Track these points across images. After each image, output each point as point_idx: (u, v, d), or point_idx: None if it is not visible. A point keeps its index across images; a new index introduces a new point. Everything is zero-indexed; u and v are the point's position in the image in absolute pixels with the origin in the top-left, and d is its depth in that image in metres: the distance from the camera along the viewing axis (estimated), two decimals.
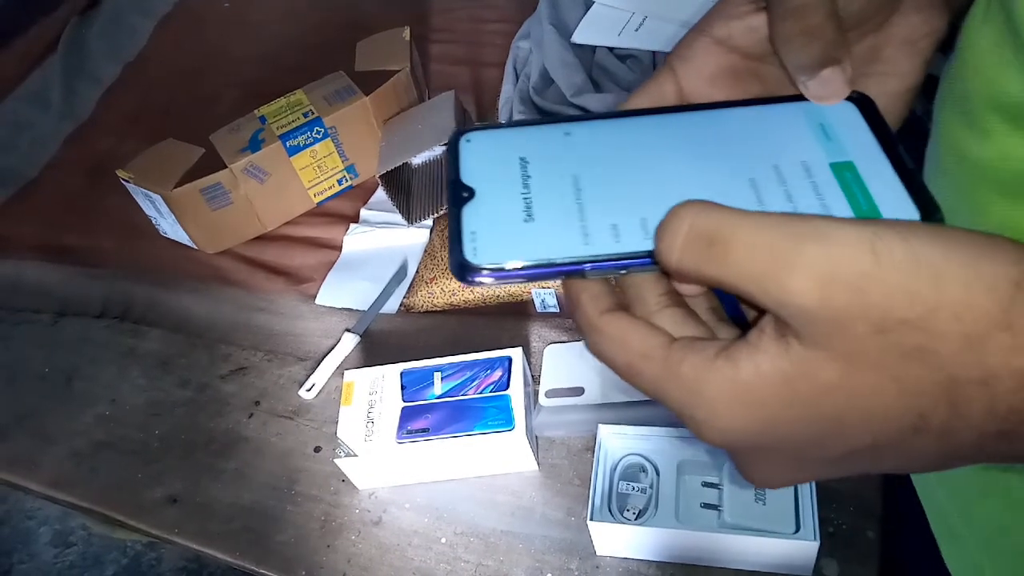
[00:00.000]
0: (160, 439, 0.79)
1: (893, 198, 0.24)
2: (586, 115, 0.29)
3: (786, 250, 0.20)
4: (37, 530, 1.14)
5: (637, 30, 0.90)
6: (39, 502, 0.82)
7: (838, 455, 0.22)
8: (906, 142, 0.27)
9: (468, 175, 0.27)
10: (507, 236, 0.25)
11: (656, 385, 0.23)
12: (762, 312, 0.22)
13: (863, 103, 0.27)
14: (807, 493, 0.58)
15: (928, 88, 0.32)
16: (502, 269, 0.24)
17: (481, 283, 0.24)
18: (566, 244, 0.24)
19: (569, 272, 0.24)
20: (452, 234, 0.25)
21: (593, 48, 0.94)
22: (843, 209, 0.24)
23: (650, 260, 0.24)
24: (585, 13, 0.94)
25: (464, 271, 0.24)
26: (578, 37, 0.93)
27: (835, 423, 0.21)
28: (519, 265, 0.24)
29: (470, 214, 0.26)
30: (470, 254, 0.24)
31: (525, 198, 0.26)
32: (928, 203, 0.24)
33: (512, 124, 0.29)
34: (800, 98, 0.28)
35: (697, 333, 0.24)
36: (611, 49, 0.93)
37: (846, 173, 0.25)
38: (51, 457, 0.80)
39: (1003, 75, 0.26)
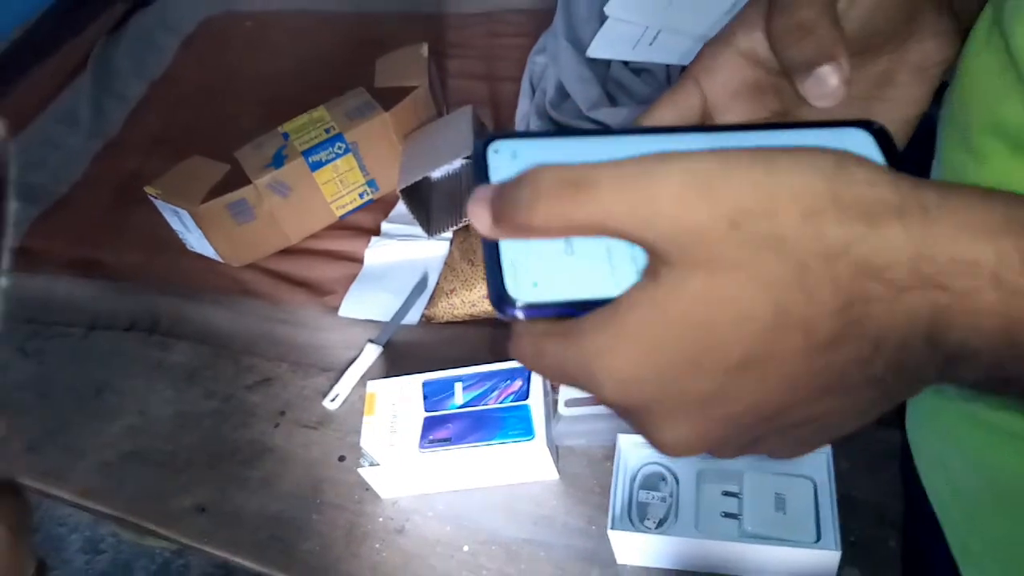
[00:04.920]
0: (187, 449, 0.81)
1: None
2: (619, 129, 0.27)
3: (648, 175, 0.21)
4: (68, 537, 1.17)
5: (651, 44, 0.91)
6: (70, 509, 0.83)
7: (719, 378, 0.22)
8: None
9: None
10: (547, 268, 0.23)
11: (559, 361, 0.23)
12: None
13: (880, 134, 0.26)
14: (828, 502, 0.58)
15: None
16: (544, 305, 0.22)
17: (518, 316, 0.22)
18: (604, 280, 0.22)
19: None
20: (490, 261, 0.23)
21: (608, 62, 0.95)
22: None
23: None
24: (600, 27, 0.95)
25: (503, 303, 0.22)
26: (593, 51, 0.94)
27: (706, 332, 0.21)
28: (562, 301, 0.22)
29: (508, 240, 0.23)
30: (511, 287, 0.22)
31: None
32: None
33: (541, 134, 0.27)
34: (817, 124, 0.27)
35: None
36: (626, 63, 0.94)
37: None
38: (81, 468, 0.82)
39: (1004, 102, 0.27)
